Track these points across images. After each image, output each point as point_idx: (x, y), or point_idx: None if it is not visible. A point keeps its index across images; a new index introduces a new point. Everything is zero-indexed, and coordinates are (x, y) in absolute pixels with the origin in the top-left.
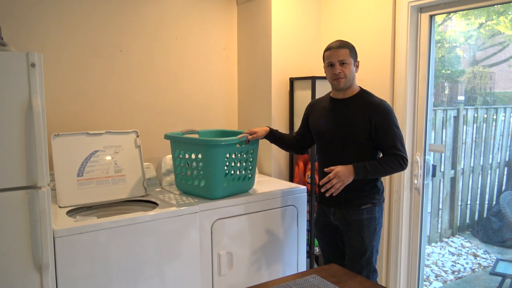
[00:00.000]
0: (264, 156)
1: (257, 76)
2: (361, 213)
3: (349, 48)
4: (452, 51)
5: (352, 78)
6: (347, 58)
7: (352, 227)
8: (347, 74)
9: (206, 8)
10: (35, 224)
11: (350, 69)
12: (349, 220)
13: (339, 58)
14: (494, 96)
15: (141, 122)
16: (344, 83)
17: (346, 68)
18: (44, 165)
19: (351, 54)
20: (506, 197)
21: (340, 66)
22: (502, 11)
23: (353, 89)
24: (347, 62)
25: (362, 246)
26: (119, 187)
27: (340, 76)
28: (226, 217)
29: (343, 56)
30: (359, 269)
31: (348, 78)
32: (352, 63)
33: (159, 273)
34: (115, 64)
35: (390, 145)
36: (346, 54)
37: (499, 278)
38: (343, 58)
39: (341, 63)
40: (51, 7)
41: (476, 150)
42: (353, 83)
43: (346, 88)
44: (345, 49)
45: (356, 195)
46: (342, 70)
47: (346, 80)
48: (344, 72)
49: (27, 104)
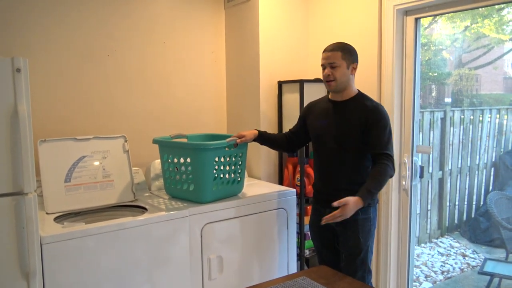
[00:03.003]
0: (253, 159)
1: (245, 80)
2: (357, 213)
3: (343, 51)
4: (438, 54)
5: (345, 81)
6: (337, 61)
7: (348, 227)
8: (337, 77)
9: (193, 12)
10: (22, 231)
11: (341, 72)
12: (345, 220)
13: (329, 60)
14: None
15: (129, 127)
16: (335, 85)
17: (336, 71)
18: (31, 171)
19: (344, 56)
20: (493, 197)
21: (331, 69)
22: (486, 14)
23: (350, 92)
24: (337, 65)
25: (357, 246)
26: (108, 193)
27: (330, 79)
28: (216, 221)
29: (332, 59)
30: (355, 270)
31: (338, 81)
32: (344, 66)
33: (149, 278)
34: (102, 69)
35: (379, 146)
36: (337, 57)
37: (487, 277)
38: (333, 61)
39: (331, 66)
40: (37, 11)
41: (463, 151)
42: (349, 85)
43: (340, 91)
44: (337, 52)
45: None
46: (332, 73)
47: (337, 83)
48: (334, 75)
49: (13, 110)
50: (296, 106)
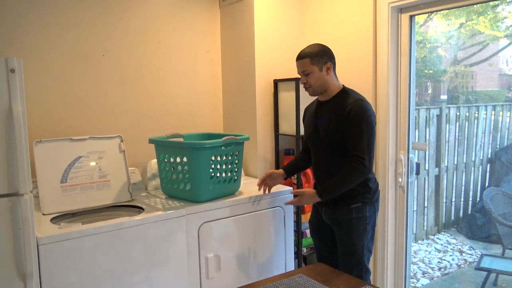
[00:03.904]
0: (249, 158)
1: (241, 79)
2: (350, 212)
3: (310, 56)
4: (434, 51)
5: (321, 84)
6: (307, 68)
7: (342, 226)
8: (312, 83)
9: (188, 11)
10: (18, 232)
11: (314, 77)
12: (339, 219)
13: (300, 69)
14: (476, 94)
15: (125, 127)
16: (312, 91)
17: (309, 78)
18: (26, 172)
19: (314, 61)
20: (489, 193)
21: (305, 76)
22: (481, 11)
23: (332, 91)
24: (308, 71)
25: (351, 245)
26: (104, 193)
27: (306, 86)
28: (213, 220)
29: (303, 67)
30: (350, 268)
31: (314, 86)
32: (316, 71)
33: (146, 278)
34: (97, 69)
35: (352, 146)
36: (306, 64)
37: (484, 273)
38: (304, 69)
39: (304, 74)
40: (31, 11)
41: (459, 148)
42: (328, 87)
43: (320, 93)
44: (305, 59)
45: (346, 194)
46: (307, 80)
47: (313, 88)
48: (308, 82)
49: (7, 111)
50: (292, 104)
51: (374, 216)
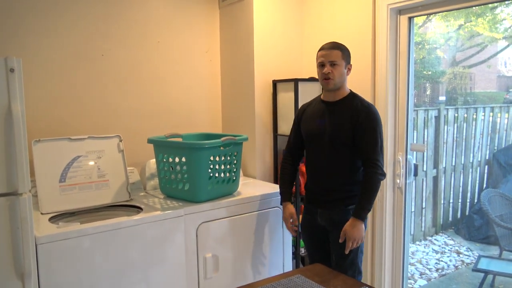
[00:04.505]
0: (248, 158)
1: (240, 79)
2: (347, 213)
3: (342, 50)
4: (432, 53)
5: (342, 81)
6: (338, 59)
7: (338, 227)
8: (336, 76)
9: (188, 12)
10: (16, 231)
11: (340, 71)
12: (336, 220)
13: (330, 58)
14: (474, 96)
15: (124, 127)
16: (333, 84)
17: (336, 70)
18: (25, 171)
19: (343, 56)
20: (487, 195)
21: (330, 67)
22: (480, 13)
23: (343, 92)
24: (337, 63)
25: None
26: (103, 192)
27: (330, 77)
28: (211, 220)
29: (334, 57)
30: (344, 270)
31: (337, 79)
32: (343, 65)
33: (144, 278)
34: (97, 68)
35: (369, 151)
36: (338, 55)
37: (481, 274)
38: (334, 59)
39: (331, 64)
40: (31, 11)
41: (457, 149)
42: (343, 85)
43: (336, 90)
44: (337, 51)
45: (343, 196)
46: (332, 71)
47: (335, 81)
48: (333, 73)
49: (6, 110)
50: (291, 105)
51: (366, 219)
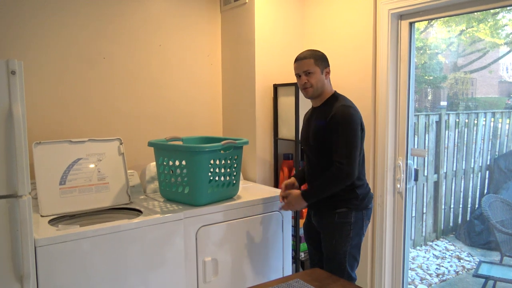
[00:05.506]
0: (248, 162)
1: (241, 83)
2: (334, 217)
3: (314, 57)
4: (434, 58)
5: (320, 87)
6: (311, 68)
7: (325, 230)
8: (313, 84)
9: (189, 15)
10: (16, 234)
11: (316, 78)
12: (323, 222)
13: (303, 69)
14: (476, 101)
15: (125, 130)
16: (312, 92)
17: (311, 78)
18: (25, 173)
19: (317, 63)
20: (488, 200)
21: (306, 76)
22: (481, 19)
23: (325, 95)
24: (311, 71)
25: (331, 249)
26: (103, 195)
27: (307, 86)
28: (211, 223)
29: (307, 67)
30: (334, 272)
31: (315, 87)
32: (318, 72)
33: (143, 281)
34: (98, 71)
35: (335, 151)
36: (310, 64)
37: (482, 280)
38: (307, 69)
39: (306, 73)
40: (32, 13)
41: (458, 154)
42: (324, 90)
43: (317, 96)
44: (309, 59)
45: (332, 199)
46: (308, 80)
47: (313, 89)
48: (310, 82)
49: (7, 112)
50: (292, 109)
51: (362, 223)
